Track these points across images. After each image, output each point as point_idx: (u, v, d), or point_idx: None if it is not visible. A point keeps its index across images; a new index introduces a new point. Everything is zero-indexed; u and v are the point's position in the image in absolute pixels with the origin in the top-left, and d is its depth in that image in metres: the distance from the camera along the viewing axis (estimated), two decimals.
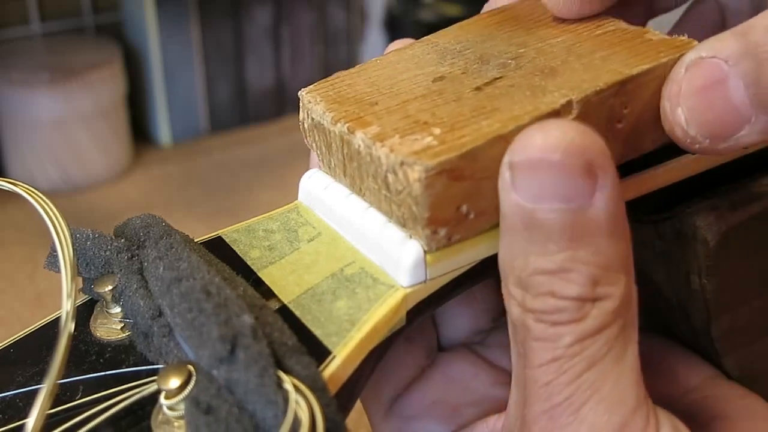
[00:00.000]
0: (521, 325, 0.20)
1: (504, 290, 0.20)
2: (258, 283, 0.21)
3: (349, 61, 0.82)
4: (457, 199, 0.19)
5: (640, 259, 0.27)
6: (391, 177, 0.20)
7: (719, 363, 0.27)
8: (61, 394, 0.19)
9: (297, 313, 0.20)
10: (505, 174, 0.19)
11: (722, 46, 0.20)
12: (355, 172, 0.21)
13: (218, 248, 0.23)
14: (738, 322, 0.26)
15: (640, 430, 0.20)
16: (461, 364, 0.27)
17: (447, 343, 0.28)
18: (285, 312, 0.20)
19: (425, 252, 0.20)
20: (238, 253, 0.23)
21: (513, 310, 0.20)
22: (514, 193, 0.19)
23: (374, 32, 0.82)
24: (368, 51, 0.82)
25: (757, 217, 0.25)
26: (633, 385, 0.20)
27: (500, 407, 0.26)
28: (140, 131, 0.73)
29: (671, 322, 0.28)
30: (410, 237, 0.20)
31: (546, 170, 0.18)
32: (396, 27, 0.82)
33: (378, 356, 0.21)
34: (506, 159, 0.19)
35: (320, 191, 0.23)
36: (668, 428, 0.20)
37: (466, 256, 0.21)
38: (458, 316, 0.27)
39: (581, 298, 0.19)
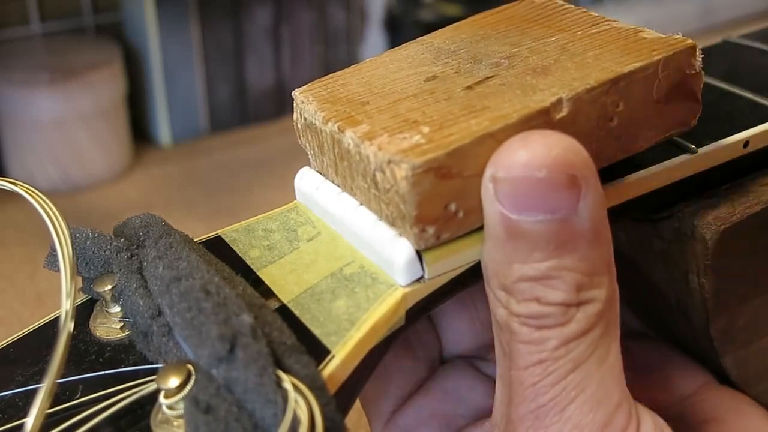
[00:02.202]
0: (506, 326, 0.20)
1: (488, 291, 0.21)
2: (257, 283, 0.21)
3: (349, 61, 0.82)
4: (445, 197, 0.19)
5: (638, 259, 0.28)
6: (379, 175, 0.20)
7: (718, 362, 0.27)
8: (60, 394, 0.19)
9: (296, 312, 0.20)
10: (488, 186, 0.19)
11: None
12: (346, 171, 0.21)
13: (218, 248, 0.23)
14: (737, 321, 0.26)
15: (622, 426, 0.20)
16: (458, 376, 0.27)
17: (448, 357, 0.28)
18: (284, 311, 0.20)
19: (418, 251, 0.20)
20: (238, 252, 0.23)
21: (498, 312, 0.20)
22: (498, 205, 0.19)
23: (374, 32, 0.82)
24: (368, 51, 0.82)
25: (756, 216, 0.25)
26: (616, 384, 0.20)
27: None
28: (140, 131, 0.73)
29: (670, 322, 0.28)
30: (400, 236, 0.20)
31: (531, 186, 0.19)
32: (396, 27, 0.82)
33: (377, 356, 0.21)
34: (489, 172, 0.19)
35: (312, 191, 0.23)
36: (649, 424, 0.20)
37: (466, 255, 0.21)
38: (462, 332, 0.28)
39: (566, 304, 0.19)
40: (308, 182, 0.24)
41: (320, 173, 0.24)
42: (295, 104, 0.23)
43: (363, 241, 0.21)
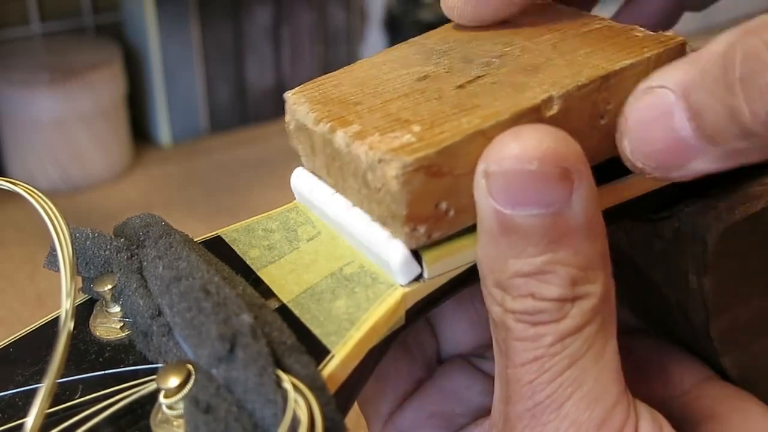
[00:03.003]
0: (502, 324, 0.20)
1: (483, 290, 0.21)
2: (257, 283, 0.21)
3: (349, 61, 0.82)
4: (436, 195, 0.19)
5: (638, 259, 0.28)
6: (370, 175, 0.20)
7: (718, 362, 0.27)
8: (60, 394, 0.19)
9: (296, 312, 0.20)
10: (480, 181, 0.19)
11: (671, 75, 0.19)
12: (338, 172, 0.21)
13: (217, 248, 0.23)
14: (737, 321, 0.26)
15: (620, 423, 0.20)
16: (456, 375, 0.27)
17: (446, 356, 0.28)
18: (284, 311, 0.20)
19: (413, 250, 0.20)
20: (238, 252, 0.23)
21: (493, 309, 0.20)
22: (491, 200, 0.19)
23: (374, 32, 0.82)
24: (368, 51, 0.82)
25: (756, 216, 0.25)
26: (613, 380, 0.20)
27: None
28: (140, 131, 0.73)
29: (670, 322, 0.28)
30: (393, 236, 0.20)
31: (523, 179, 0.18)
32: (396, 27, 0.82)
33: (377, 356, 0.21)
34: (481, 167, 0.19)
35: (307, 192, 0.23)
36: (648, 421, 0.20)
37: (465, 255, 0.21)
38: (460, 332, 0.27)
39: (561, 299, 0.19)
40: (303, 183, 0.24)
41: (313, 174, 0.24)
42: (287, 106, 0.23)
43: (359, 241, 0.21)
